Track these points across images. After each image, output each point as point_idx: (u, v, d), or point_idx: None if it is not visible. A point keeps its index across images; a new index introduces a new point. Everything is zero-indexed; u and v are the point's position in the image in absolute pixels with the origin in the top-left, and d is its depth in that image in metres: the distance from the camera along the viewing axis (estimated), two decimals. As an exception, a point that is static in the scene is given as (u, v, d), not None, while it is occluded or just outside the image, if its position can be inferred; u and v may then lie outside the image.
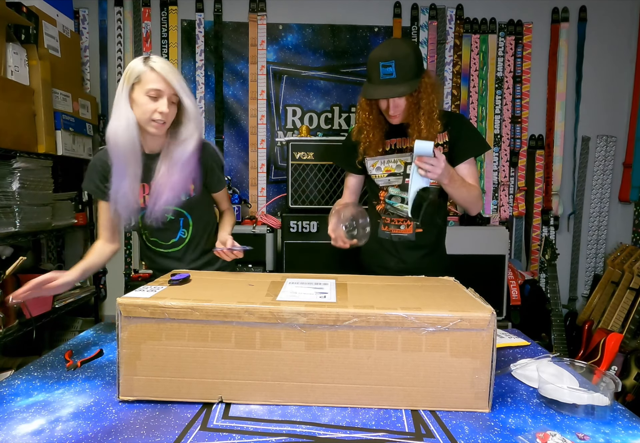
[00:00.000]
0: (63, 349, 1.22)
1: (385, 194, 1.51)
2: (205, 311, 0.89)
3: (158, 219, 1.33)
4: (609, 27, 2.78)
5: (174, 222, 1.39)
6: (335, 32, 2.77)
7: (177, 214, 1.38)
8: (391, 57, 1.28)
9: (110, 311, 2.86)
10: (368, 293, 1.04)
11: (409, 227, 1.50)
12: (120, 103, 1.19)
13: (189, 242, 1.43)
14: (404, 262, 1.53)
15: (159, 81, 1.17)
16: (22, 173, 1.98)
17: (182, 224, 1.41)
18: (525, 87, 2.81)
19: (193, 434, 0.79)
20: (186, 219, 1.40)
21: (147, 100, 1.18)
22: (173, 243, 1.43)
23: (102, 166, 1.31)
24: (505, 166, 2.85)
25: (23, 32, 2.04)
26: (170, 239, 1.42)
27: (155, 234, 1.41)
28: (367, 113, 1.43)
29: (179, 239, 1.42)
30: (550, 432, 0.80)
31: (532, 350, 1.26)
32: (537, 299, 2.61)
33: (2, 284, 1.79)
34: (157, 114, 1.18)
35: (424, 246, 1.53)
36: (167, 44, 2.75)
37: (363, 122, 1.45)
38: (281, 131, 2.82)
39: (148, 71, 1.17)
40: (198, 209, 1.42)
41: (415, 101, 1.36)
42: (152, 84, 1.17)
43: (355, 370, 0.89)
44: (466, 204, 1.45)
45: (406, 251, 1.52)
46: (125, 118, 1.19)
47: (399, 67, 1.29)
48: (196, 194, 1.38)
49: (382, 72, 1.30)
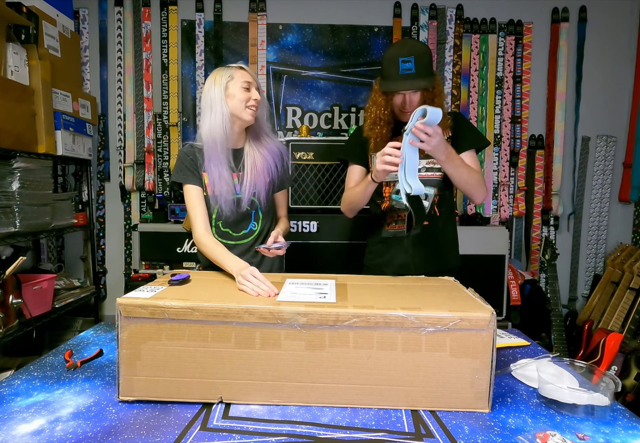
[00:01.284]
0: (63, 349, 1.22)
1: (390, 190, 1.52)
2: (205, 312, 0.89)
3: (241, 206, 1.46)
4: (609, 27, 2.78)
5: (248, 214, 1.50)
6: (335, 32, 2.77)
7: (253, 205, 1.49)
8: (410, 54, 1.35)
9: (110, 311, 2.86)
10: (368, 293, 1.04)
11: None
12: (215, 101, 1.38)
13: (257, 234, 1.53)
14: (412, 256, 1.52)
15: (249, 76, 1.42)
16: (22, 173, 1.98)
17: (254, 217, 1.52)
18: (525, 87, 2.81)
19: (193, 434, 0.80)
20: (257, 212, 1.52)
21: (242, 91, 1.39)
22: (244, 235, 1.52)
23: (192, 158, 1.46)
24: (505, 166, 2.85)
25: (23, 32, 2.04)
26: (242, 230, 1.52)
27: (229, 225, 1.50)
28: (383, 108, 1.45)
29: (249, 231, 1.52)
30: (550, 432, 0.80)
31: (532, 350, 1.26)
32: (537, 299, 2.61)
33: (2, 284, 1.79)
34: (252, 101, 1.40)
35: (430, 239, 1.52)
36: (167, 44, 2.75)
37: (378, 117, 1.46)
38: (281, 131, 2.82)
39: (239, 70, 1.41)
40: (268, 204, 1.54)
41: (430, 97, 1.41)
42: (244, 78, 1.40)
43: (355, 370, 0.89)
44: (468, 187, 1.43)
45: (412, 245, 1.52)
46: (220, 113, 1.38)
47: (417, 63, 1.34)
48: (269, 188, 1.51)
49: (402, 68, 1.36)
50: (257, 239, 1.54)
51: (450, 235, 1.59)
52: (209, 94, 1.40)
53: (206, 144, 1.42)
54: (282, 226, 1.55)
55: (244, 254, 1.51)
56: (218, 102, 1.39)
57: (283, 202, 1.62)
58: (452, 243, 1.61)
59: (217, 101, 1.39)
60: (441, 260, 1.55)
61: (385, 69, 1.40)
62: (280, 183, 1.56)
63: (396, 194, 1.51)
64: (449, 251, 1.58)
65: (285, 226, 1.58)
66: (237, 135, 1.47)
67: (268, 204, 1.54)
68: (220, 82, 1.40)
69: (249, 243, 1.53)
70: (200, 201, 1.44)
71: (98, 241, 2.82)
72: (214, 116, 1.39)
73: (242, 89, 1.40)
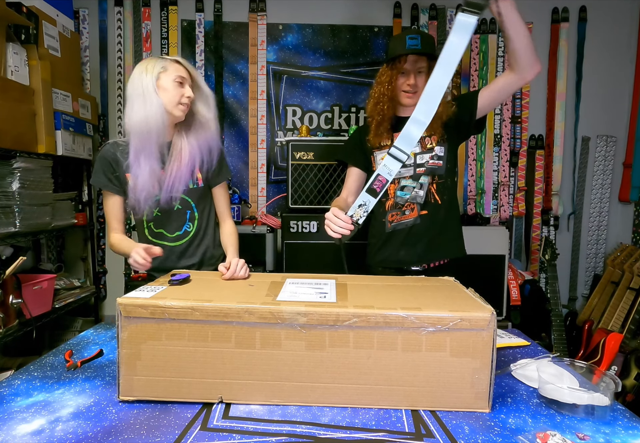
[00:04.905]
0: (63, 349, 1.22)
1: (395, 187, 1.52)
2: (206, 312, 0.89)
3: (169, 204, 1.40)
4: (609, 27, 2.77)
5: (181, 213, 1.44)
6: (335, 32, 2.77)
7: (185, 204, 1.43)
8: (417, 34, 1.44)
9: (110, 311, 2.86)
10: (368, 293, 1.04)
11: (414, 211, 1.50)
12: (149, 90, 1.30)
13: (193, 236, 1.47)
14: (414, 246, 1.52)
15: (184, 71, 1.35)
16: (22, 173, 1.98)
17: (189, 217, 1.46)
18: (525, 87, 2.81)
19: (193, 434, 0.79)
20: (192, 212, 1.46)
21: (175, 86, 1.33)
22: (178, 236, 1.46)
23: (113, 159, 1.38)
24: (505, 166, 2.85)
25: (23, 32, 2.04)
26: (176, 231, 1.46)
27: (161, 225, 1.45)
28: (387, 85, 1.47)
29: (184, 233, 1.46)
30: (550, 432, 0.80)
31: (532, 350, 1.26)
32: (537, 299, 2.61)
33: (2, 284, 1.79)
34: (184, 98, 1.34)
35: (430, 228, 1.52)
36: (167, 44, 2.75)
37: (381, 94, 1.49)
38: (281, 131, 2.82)
39: (174, 63, 1.34)
40: (203, 202, 1.47)
41: None
42: (179, 72, 1.34)
43: (355, 370, 0.89)
44: (526, 50, 1.24)
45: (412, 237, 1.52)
46: (157, 105, 1.30)
47: (424, 41, 1.43)
48: (203, 185, 1.45)
49: (409, 43, 1.42)
50: (192, 241, 1.47)
51: (452, 224, 1.58)
52: (140, 81, 1.31)
53: (138, 135, 1.31)
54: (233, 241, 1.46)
55: (182, 258, 1.47)
56: (152, 91, 1.30)
57: (223, 199, 1.52)
58: (455, 232, 1.60)
59: (150, 89, 1.30)
60: (444, 249, 1.55)
61: (391, 48, 1.46)
62: (216, 175, 1.48)
63: (401, 191, 1.51)
64: (451, 240, 1.58)
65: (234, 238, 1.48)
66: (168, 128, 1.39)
67: (203, 202, 1.47)
68: (153, 71, 1.31)
69: (183, 245, 1.47)
70: (115, 207, 1.41)
71: (98, 241, 2.82)
72: (150, 106, 1.29)
73: (175, 84, 1.33)
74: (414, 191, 1.50)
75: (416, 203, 1.51)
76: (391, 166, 1.15)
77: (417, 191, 1.50)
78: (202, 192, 1.46)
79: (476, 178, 2.86)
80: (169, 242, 1.46)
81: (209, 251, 1.51)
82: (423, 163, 1.50)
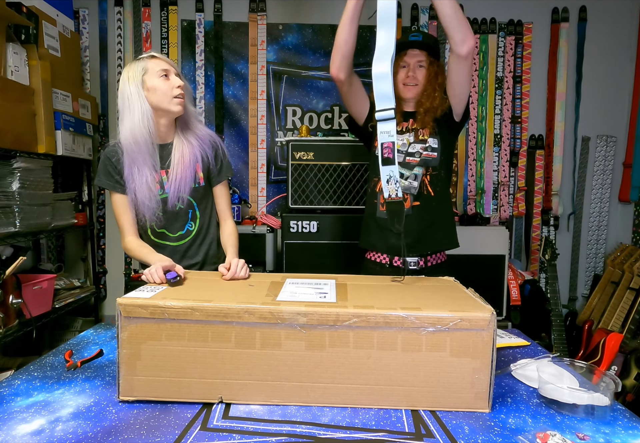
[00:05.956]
0: (63, 349, 1.22)
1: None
2: (206, 312, 0.89)
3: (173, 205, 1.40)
4: (609, 27, 2.77)
5: (183, 213, 1.44)
6: (335, 32, 2.75)
7: (187, 204, 1.43)
8: (419, 32, 1.53)
9: (110, 311, 2.86)
10: (368, 293, 1.04)
11: (407, 201, 1.50)
12: (132, 99, 1.29)
13: (195, 235, 1.47)
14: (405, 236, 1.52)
15: (164, 63, 1.34)
16: (22, 173, 1.98)
17: (191, 216, 1.46)
18: (525, 87, 2.81)
19: (193, 434, 0.79)
20: (194, 212, 1.46)
21: (161, 81, 1.31)
22: (180, 235, 1.47)
23: (116, 159, 1.37)
24: (505, 166, 2.85)
25: (23, 32, 2.04)
26: (178, 231, 1.46)
27: (164, 225, 1.45)
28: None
29: (186, 232, 1.47)
30: (551, 432, 0.80)
31: (532, 350, 1.26)
32: (537, 299, 2.61)
33: (2, 284, 1.79)
34: (176, 89, 1.32)
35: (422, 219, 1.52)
36: (167, 44, 2.75)
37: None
38: (281, 131, 2.82)
39: (151, 59, 1.33)
40: (204, 201, 1.48)
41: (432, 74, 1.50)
42: (159, 66, 1.32)
43: (355, 370, 0.89)
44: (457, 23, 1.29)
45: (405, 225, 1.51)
46: (140, 112, 1.29)
47: (425, 37, 1.51)
48: (204, 184, 1.45)
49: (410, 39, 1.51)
50: (195, 240, 1.48)
51: (444, 216, 1.58)
52: (125, 93, 1.31)
53: (127, 146, 1.32)
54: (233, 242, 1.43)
55: (183, 257, 1.47)
56: (136, 100, 1.29)
57: (224, 198, 1.51)
58: (446, 224, 1.60)
59: (135, 98, 1.29)
60: (435, 240, 1.55)
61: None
62: (217, 173, 1.47)
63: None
64: (442, 231, 1.57)
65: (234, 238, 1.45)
66: (167, 128, 1.38)
67: (205, 202, 1.48)
68: (134, 77, 1.30)
69: (186, 245, 1.47)
70: (125, 208, 1.38)
71: (98, 241, 2.82)
72: (133, 116, 1.29)
73: (161, 79, 1.31)
74: (408, 181, 1.50)
75: (409, 194, 1.50)
76: (386, 127, 1.16)
77: (412, 182, 1.50)
78: (204, 191, 1.47)
79: (476, 177, 2.86)
80: (171, 242, 1.46)
81: (211, 249, 1.52)
82: (414, 152, 1.51)
